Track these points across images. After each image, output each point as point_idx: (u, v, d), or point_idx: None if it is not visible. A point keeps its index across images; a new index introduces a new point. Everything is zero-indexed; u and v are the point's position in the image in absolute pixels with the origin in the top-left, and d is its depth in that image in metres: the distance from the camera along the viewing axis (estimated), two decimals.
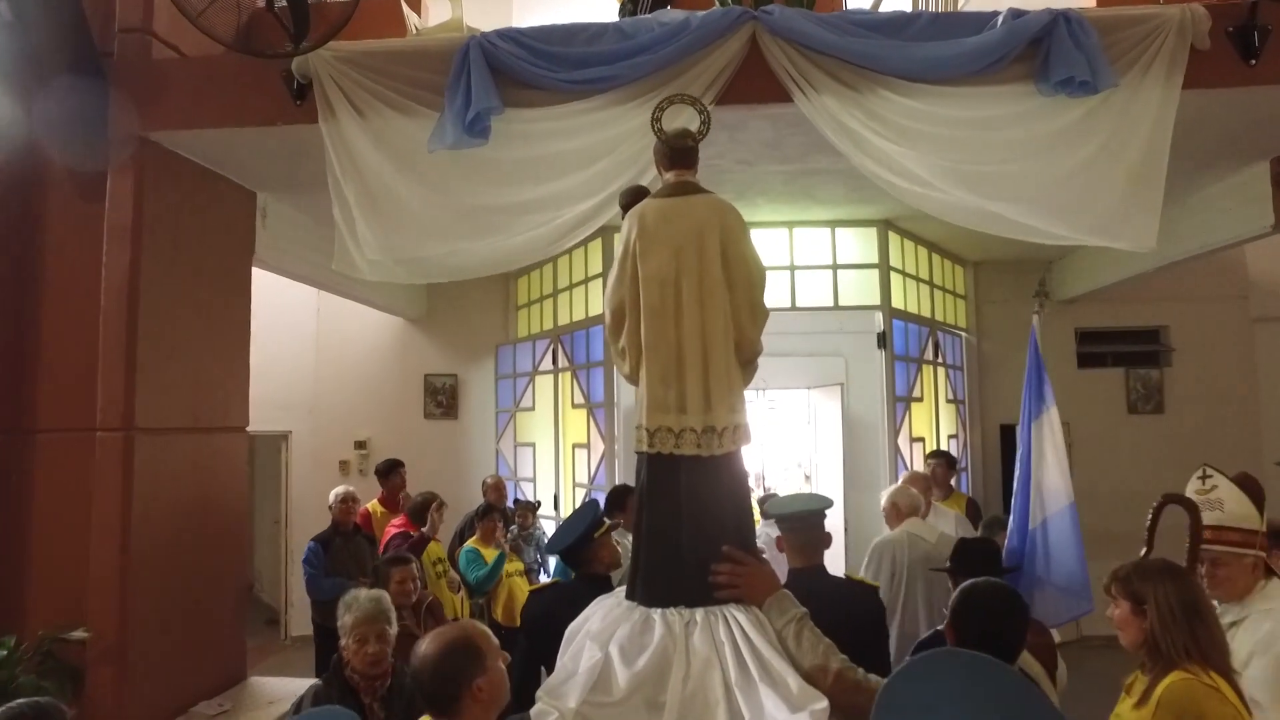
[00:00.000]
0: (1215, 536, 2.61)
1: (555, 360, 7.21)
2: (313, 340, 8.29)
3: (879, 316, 6.30)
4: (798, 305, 6.26)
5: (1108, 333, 7.96)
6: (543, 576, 5.93)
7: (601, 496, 5.42)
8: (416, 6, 4.97)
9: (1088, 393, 7.81)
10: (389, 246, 3.76)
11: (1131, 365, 7.90)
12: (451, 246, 3.75)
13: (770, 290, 6.14)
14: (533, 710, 1.90)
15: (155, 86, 3.98)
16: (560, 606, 2.56)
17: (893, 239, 6.41)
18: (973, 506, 5.80)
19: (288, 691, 4.42)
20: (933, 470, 5.74)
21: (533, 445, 7.53)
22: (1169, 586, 2.19)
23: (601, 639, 2.02)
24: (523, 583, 5.63)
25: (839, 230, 6.33)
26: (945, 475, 5.56)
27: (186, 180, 4.39)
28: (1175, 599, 2.16)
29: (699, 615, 2.04)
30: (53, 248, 4.06)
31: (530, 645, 3.05)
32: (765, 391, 10.22)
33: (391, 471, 6.21)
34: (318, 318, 8.29)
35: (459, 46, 3.65)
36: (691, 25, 3.62)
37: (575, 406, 6.89)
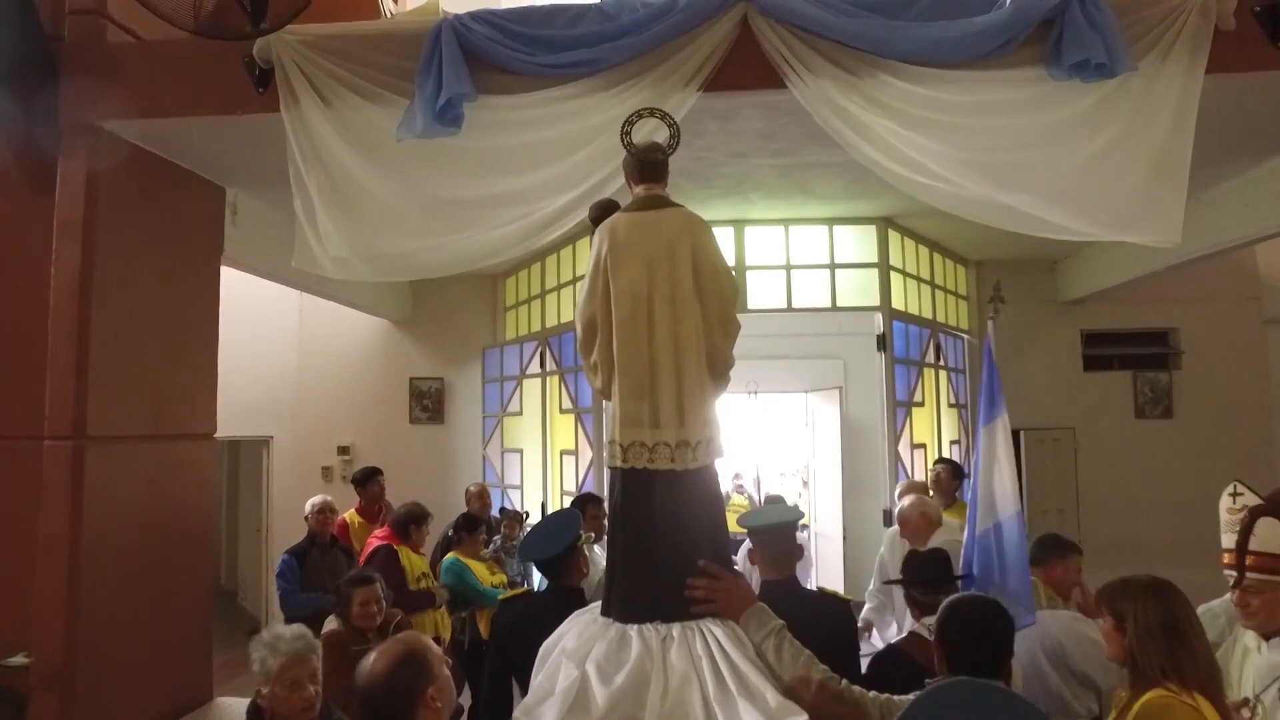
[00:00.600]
0: (1255, 562, 2.36)
1: (543, 363, 6.97)
2: (295, 343, 8.05)
3: (879, 318, 6.06)
4: (794, 306, 6.02)
5: (1115, 335, 7.72)
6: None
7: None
8: None
9: (1094, 397, 7.60)
10: (354, 242, 3.53)
11: (1140, 368, 7.66)
12: (421, 242, 3.52)
13: (766, 291, 5.94)
14: None
15: (109, 72, 3.73)
16: (532, 617, 2.57)
17: (893, 237, 6.17)
18: None
19: None
20: (937, 477, 5.53)
21: (520, 451, 7.28)
22: (1149, 604, 2.19)
23: (578, 657, 2.01)
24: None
25: (837, 228, 6.09)
26: (950, 484, 5.32)
27: (146, 173, 4.14)
28: (1155, 617, 2.16)
29: (676, 630, 2.04)
30: None
31: (501, 656, 2.96)
32: (757, 395, 10.00)
33: (369, 480, 5.95)
34: (300, 319, 8.05)
35: (430, 29, 3.42)
36: (678, 6, 3.38)
37: (563, 411, 6.65)
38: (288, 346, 8.02)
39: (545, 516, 4.28)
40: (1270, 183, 4.56)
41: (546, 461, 6.85)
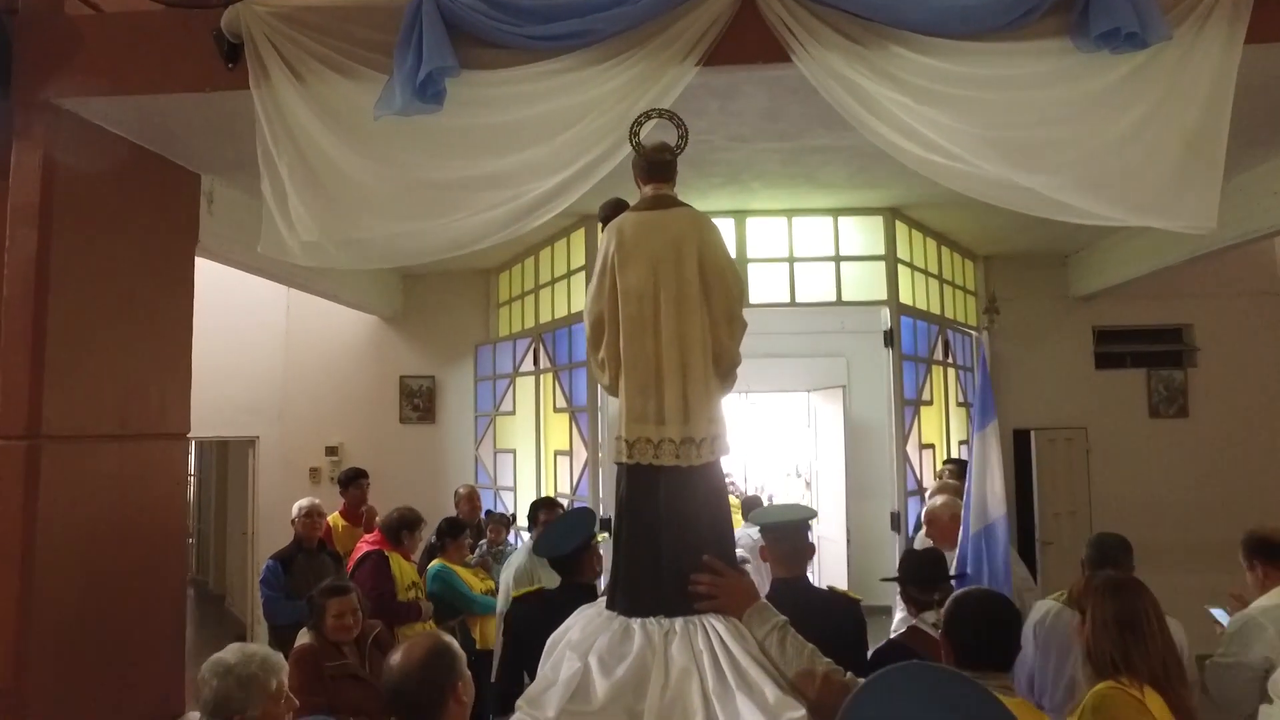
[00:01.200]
0: None
1: (537, 361, 6.73)
2: (282, 340, 7.80)
3: (885, 313, 5.81)
4: (798, 300, 5.77)
5: (1128, 331, 7.47)
6: None
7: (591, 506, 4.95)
8: None
9: (1106, 395, 7.36)
10: (327, 227, 3.30)
11: (1153, 366, 7.41)
12: (399, 227, 3.29)
13: (769, 284, 5.71)
14: (512, 718, 1.95)
15: (67, 46, 3.50)
16: (545, 613, 2.62)
17: (900, 229, 5.92)
18: None
19: None
20: (946, 479, 5.30)
21: (513, 452, 7.04)
22: (1105, 600, 2.31)
23: (581, 649, 2.05)
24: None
25: (842, 219, 5.85)
26: (961, 485, 5.07)
27: (112, 156, 3.91)
28: (1110, 612, 2.27)
29: (678, 625, 2.06)
30: None
31: (515, 651, 3.05)
32: (749, 395, 9.78)
33: (353, 481, 5.71)
34: (287, 316, 7.79)
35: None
36: None
37: (557, 410, 6.41)
38: (274, 344, 7.76)
39: (560, 515, 4.24)
40: None
41: (540, 462, 6.61)
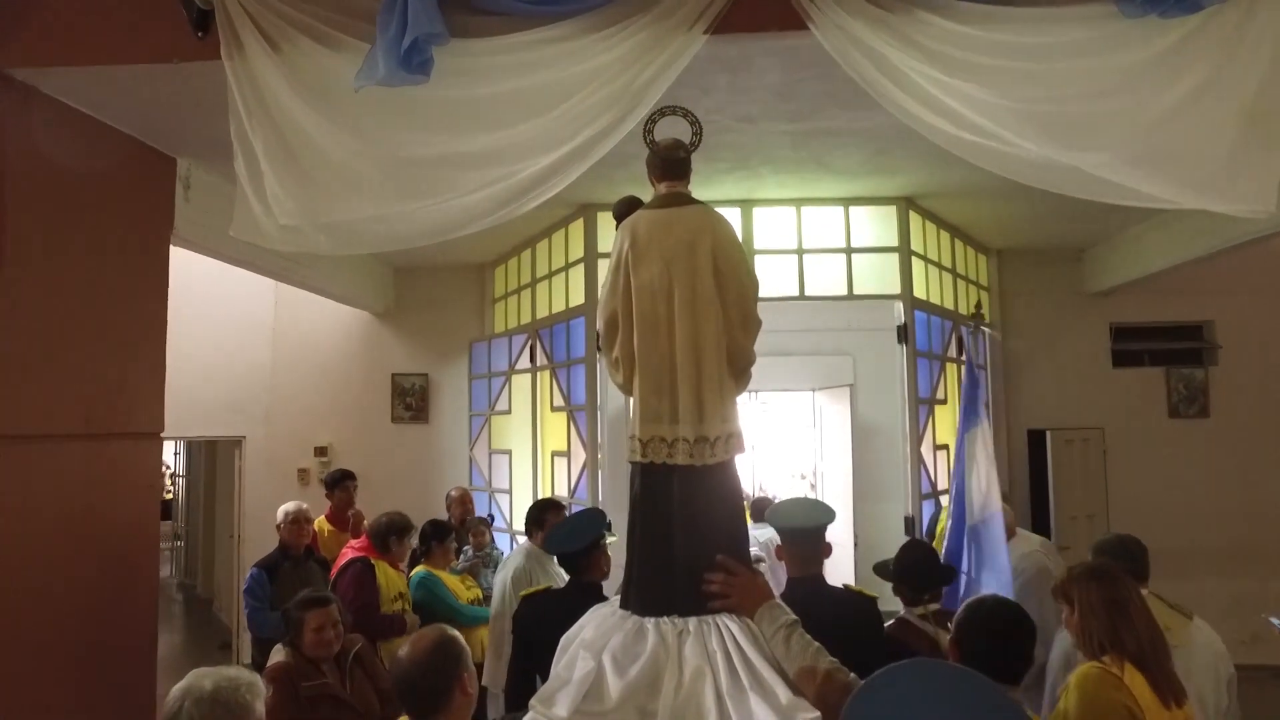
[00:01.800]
0: None
1: (534, 358, 6.46)
2: (270, 336, 7.53)
3: (898, 307, 5.55)
4: (807, 294, 5.50)
5: (1146, 328, 7.23)
6: None
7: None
8: None
9: (1124, 395, 7.12)
10: (306, 209, 3.03)
11: (1173, 364, 7.17)
12: (383, 208, 3.02)
13: (776, 277, 5.44)
14: (525, 718, 1.95)
15: (18, 11, 3.22)
16: (552, 612, 2.69)
17: (913, 220, 5.65)
18: None
19: None
20: None
21: (509, 453, 6.77)
22: (1093, 586, 2.42)
23: (594, 648, 2.04)
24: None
25: (854, 209, 5.58)
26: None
27: (76, 136, 3.67)
28: (1098, 596, 2.38)
29: (691, 625, 2.06)
30: None
31: (524, 650, 3.07)
32: (759, 394, 9.54)
33: (339, 483, 5.42)
34: (275, 311, 7.53)
35: None
36: None
37: (554, 409, 6.14)
38: (262, 340, 7.50)
39: (572, 513, 4.14)
40: None
41: (537, 464, 6.34)
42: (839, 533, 8.20)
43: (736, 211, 5.42)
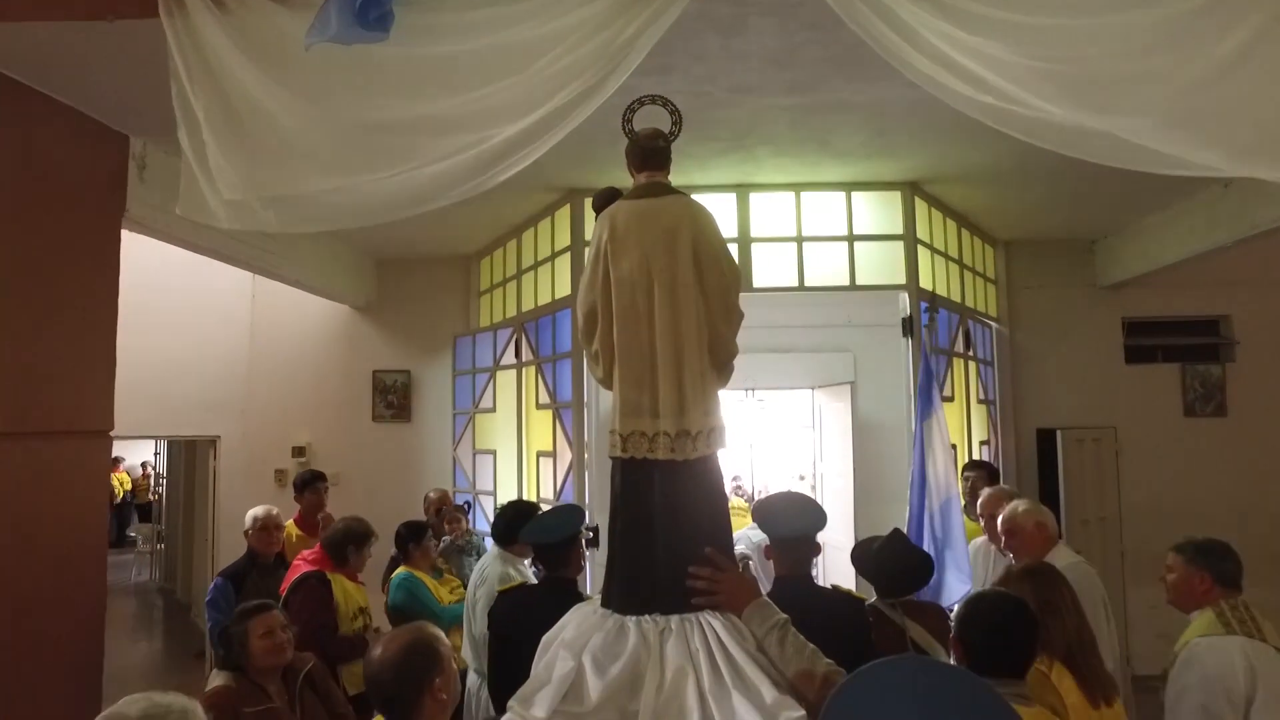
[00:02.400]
0: None
1: (519, 353, 6.15)
2: (246, 332, 7.23)
3: (904, 298, 5.25)
4: (806, 284, 5.19)
5: (1160, 323, 6.98)
6: None
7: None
8: None
9: (1137, 392, 6.85)
10: (253, 182, 2.75)
11: (1188, 360, 6.91)
12: (337, 180, 2.73)
13: (774, 267, 5.13)
14: (503, 719, 1.92)
15: None
16: (527, 606, 2.74)
17: (919, 206, 5.36)
18: None
19: None
20: (971, 485, 4.76)
21: (493, 453, 6.46)
22: (1025, 586, 2.45)
23: (575, 648, 2.01)
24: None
25: (856, 194, 5.28)
26: (1007, 491, 4.54)
27: (13, 107, 3.36)
28: (1031, 595, 2.34)
29: (674, 623, 2.02)
30: None
31: (500, 647, 3.07)
32: (756, 392, 9.25)
33: (309, 485, 5.08)
34: (252, 305, 7.24)
35: None
36: None
37: (540, 407, 5.83)
38: (238, 336, 7.20)
39: (551, 507, 4.11)
40: None
41: (522, 464, 6.04)
42: (839, 535, 7.94)
43: (732, 197, 5.11)
